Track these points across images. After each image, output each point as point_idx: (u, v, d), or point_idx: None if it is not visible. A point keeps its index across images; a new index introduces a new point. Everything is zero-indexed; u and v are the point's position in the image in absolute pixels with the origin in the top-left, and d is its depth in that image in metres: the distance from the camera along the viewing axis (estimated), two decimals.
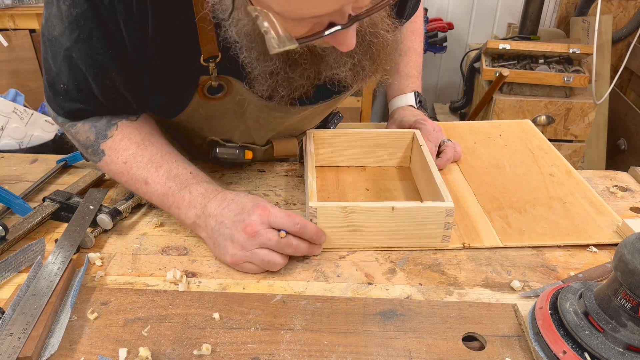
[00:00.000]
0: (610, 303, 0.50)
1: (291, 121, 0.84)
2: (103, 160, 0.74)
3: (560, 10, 2.71)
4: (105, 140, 0.73)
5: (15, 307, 0.58)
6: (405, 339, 0.57)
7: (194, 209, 0.69)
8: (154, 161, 0.72)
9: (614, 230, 0.74)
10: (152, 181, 0.71)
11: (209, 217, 0.67)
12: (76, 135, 0.75)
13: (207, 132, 0.83)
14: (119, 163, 0.73)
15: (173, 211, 0.71)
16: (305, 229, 0.65)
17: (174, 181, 0.70)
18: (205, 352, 0.55)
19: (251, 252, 0.64)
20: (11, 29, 2.30)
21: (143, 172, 0.71)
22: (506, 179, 0.88)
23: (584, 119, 2.15)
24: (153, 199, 0.72)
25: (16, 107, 1.97)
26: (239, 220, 0.64)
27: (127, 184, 0.74)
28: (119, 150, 0.73)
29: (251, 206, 0.65)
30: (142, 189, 0.72)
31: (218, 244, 0.67)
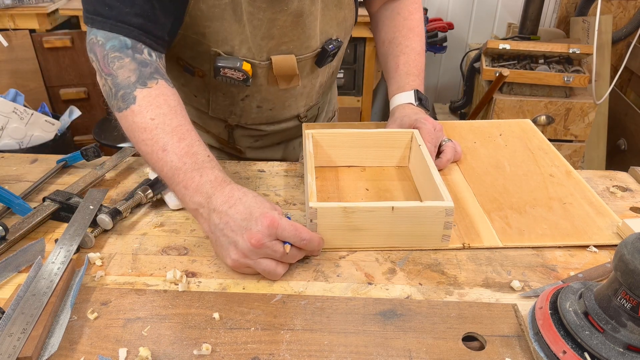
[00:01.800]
0: (610, 303, 0.50)
1: (281, 24, 0.84)
2: (130, 109, 0.71)
3: (560, 10, 2.71)
4: (143, 87, 0.71)
5: (15, 307, 0.58)
6: (405, 339, 0.57)
7: (199, 195, 0.67)
8: (179, 131, 0.70)
9: (614, 231, 0.74)
10: (171, 150, 0.68)
11: (213, 212, 0.65)
12: (118, 70, 0.72)
13: (210, 40, 0.83)
14: (146, 117, 0.70)
15: (179, 189, 0.69)
16: (311, 243, 0.65)
17: (191, 158, 0.68)
18: (205, 352, 0.55)
19: (254, 261, 0.64)
20: (11, 29, 2.30)
21: (166, 138, 0.69)
22: (506, 179, 0.88)
23: (584, 119, 2.15)
24: (164, 170, 0.69)
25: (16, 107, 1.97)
26: (245, 227, 0.63)
27: (143, 144, 0.70)
28: (151, 104, 0.71)
29: (259, 214, 0.63)
30: (158, 155, 0.69)
31: (220, 243, 0.66)
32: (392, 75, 1.00)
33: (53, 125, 2.09)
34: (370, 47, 2.38)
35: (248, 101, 0.96)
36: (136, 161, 0.94)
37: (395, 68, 1.00)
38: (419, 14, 1.04)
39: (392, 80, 1.00)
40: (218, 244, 0.66)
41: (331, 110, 1.20)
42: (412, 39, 1.02)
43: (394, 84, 1.00)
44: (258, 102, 0.97)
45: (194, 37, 0.84)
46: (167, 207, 0.80)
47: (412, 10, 1.03)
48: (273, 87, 0.93)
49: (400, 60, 1.00)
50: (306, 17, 0.86)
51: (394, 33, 1.02)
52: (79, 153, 0.90)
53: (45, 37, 2.32)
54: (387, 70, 1.03)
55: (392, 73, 1.00)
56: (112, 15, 0.72)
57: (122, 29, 0.73)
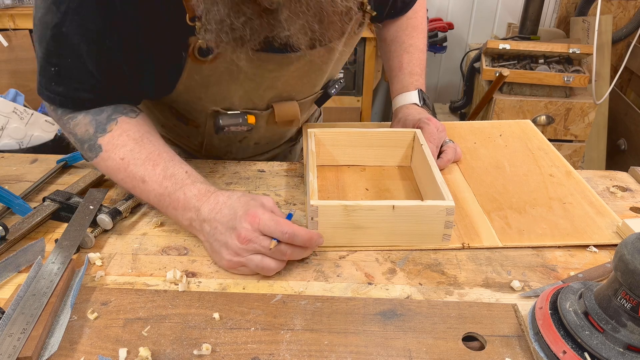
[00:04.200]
0: (610, 303, 0.50)
1: (287, 77, 0.82)
2: (100, 157, 0.73)
3: (560, 10, 2.71)
4: (104, 134, 0.72)
5: (15, 307, 0.58)
6: (405, 339, 0.57)
7: (189, 211, 0.68)
8: (151, 159, 0.71)
9: (614, 231, 0.74)
10: (150, 180, 0.70)
11: (204, 222, 0.67)
12: (74, 128, 0.74)
13: (206, 101, 0.82)
14: (116, 159, 0.72)
15: (170, 212, 0.71)
16: (294, 237, 0.64)
17: (170, 181, 0.70)
18: (205, 352, 0.55)
19: (246, 257, 0.64)
20: (11, 29, 2.30)
21: (141, 170, 0.71)
22: (506, 179, 0.88)
23: (584, 119, 2.15)
24: (150, 199, 0.72)
25: (16, 107, 1.97)
26: (232, 227, 0.64)
27: (123, 182, 0.73)
28: (117, 145, 0.72)
29: (242, 213, 0.64)
30: (140, 187, 0.71)
31: (214, 248, 0.67)
32: (396, 74, 0.99)
33: (53, 125, 2.09)
34: (370, 47, 2.38)
35: (246, 141, 0.96)
36: None
37: (399, 67, 0.99)
38: (422, 12, 1.04)
39: (396, 79, 0.99)
40: (212, 249, 0.67)
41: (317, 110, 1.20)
42: (416, 37, 1.01)
43: (398, 83, 0.99)
44: (256, 140, 0.97)
45: (189, 99, 0.82)
46: None
47: (416, 8, 1.02)
48: (272, 126, 0.92)
49: (404, 59, 0.99)
50: (315, 71, 0.85)
51: (397, 32, 1.01)
52: (79, 153, 0.90)
53: None
54: (390, 68, 1.02)
55: (396, 72, 0.99)
56: (60, 92, 0.72)
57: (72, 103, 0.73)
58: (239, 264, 0.65)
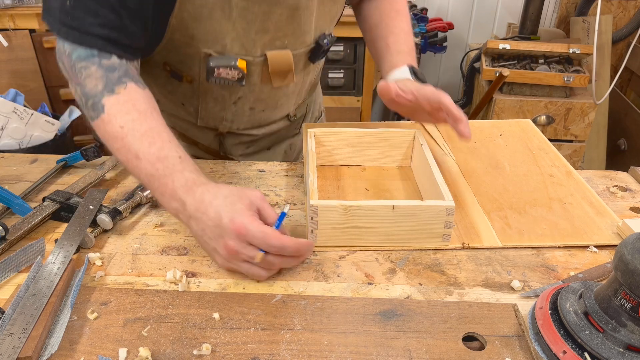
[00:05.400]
0: (610, 303, 0.50)
1: (277, 17, 0.82)
2: (101, 118, 0.70)
3: (560, 10, 2.71)
4: (110, 95, 0.71)
5: (15, 307, 0.58)
6: (405, 339, 0.57)
7: (175, 201, 0.67)
8: (149, 135, 0.70)
9: (614, 231, 0.74)
10: (143, 157, 0.69)
11: (190, 219, 0.66)
12: (85, 80, 0.72)
13: (199, 41, 0.82)
14: (115, 126, 0.70)
15: (158, 196, 0.70)
16: (282, 250, 0.63)
17: (162, 163, 0.69)
18: (205, 352, 0.55)
19: (237, 265, 0.65)
20: (11, 29, 2.30)
21: (137, 144, 0.69)
22: (506, 179, 0.88)
23: (584, 119, 2.15)
24: (141, 177, 0.70)
25: (16, 107, 1.97)
26: (219, 235, 0.63)
27: (118, 152, 0.71)
28: (120, 111, 0.70)
29: (228, 220, 0.62)
30: (132, 163, 0.70)
31: (205, 248, 0.68)
32: (383, 55, 0.96)
33: (53, 125, 2.09)
34: None
35: (240, 104, 0.95)
36: None
37: (385, 48, 0.95)
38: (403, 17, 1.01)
39: (384, 60, 0.95)
40: (204, 247, 0.68)
41: (317, 110, 1.18)
42: (400, 19, 0.99)
43: (386, 64, 0.94)
44: (251, 104, 0.96)
45: (182, 39, 0.81)
46: None
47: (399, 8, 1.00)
48: (266, 85, 0.92)
49: (390, 39, 0.95)
50: (302, 10, 0.85)
51: (381, 17, 0.99)
52: (79, 153, 0.90)
53: (45, 37, 2.32)
54: (377, 51, 0.99)
55: (383, 53, 0.96)
56: (75, 26, 0.71)
57: (87, 39, 0.72)
58: (231, 269, 0.67)
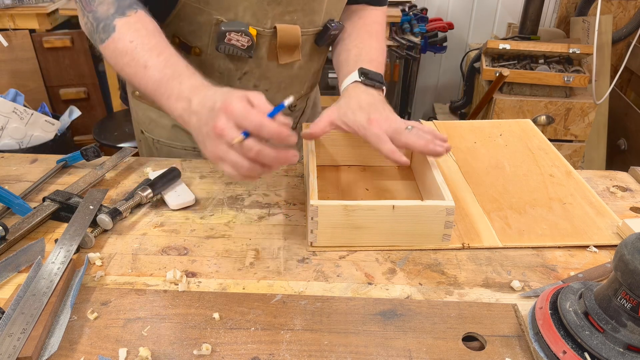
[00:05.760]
0: (610, 303, 0.50)
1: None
2: (111, 38, 0.74)
3: (560, 10, 2.71)
4: (121, 17, 0.75)
5: (15, 307, 0.58)
6: (405, 339, 0.57)
7: (181, 101, 0.68)
8: (157, 48, 0.73)
9: (614, 231, 0.74)
10: (152, 66, 0.71)
11: (192, 115, 0.66)
12: (98, 6, 0.76)
13: (212, 7, 0.83)
14: (125, 41, 0.73)
15: (164, 102, 0.70)
16: (261, 127, 0.59)
17: (170, 69, 0.71)
18: (205, 352, 0.55)
19: (222, 152, 0.61)
20: (11, 29, 2.30)
21: (145, 55, 0.72)
22: (506, 179, 0.88)
23: (584, 119, 2.15)
24: (149, 86, 0.72)
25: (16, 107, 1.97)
26: (211, 119, 0.62)
27: (127, 67, 0.74)
28: (130, 29, 0.74)
29: (220, 104, 0.62)
30: (140, 73, 0.72)
31: (200, 141, 0.65)
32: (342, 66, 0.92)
33: (53, 125, 2.09)
34: None
35: (245, 80, 0.94)
36: (136, 161, 0.94)
37: (345, 60, 0.93)
38: (381, 26, 1.01)
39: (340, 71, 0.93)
40: (200, 143, 0.66)
41: (317, 113, 1.19)
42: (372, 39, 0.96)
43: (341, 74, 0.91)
44: (255, 81, 0.95)
45: (195, 5, 0.83)
46: (167, 207, 0.80)
47: (375, 19, 1.00)
48: (272, 62, 0.92)
49: (352, 53, 0.93)
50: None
51: (351, 32, 0.97)
52: (79, 153, 0.90)
53: (45, 37, 2.32)
54: (337, 65, 0.96)
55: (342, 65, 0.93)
56: None
57: None
58: (219, 158, 0.62)
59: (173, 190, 0.83)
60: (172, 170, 0.84)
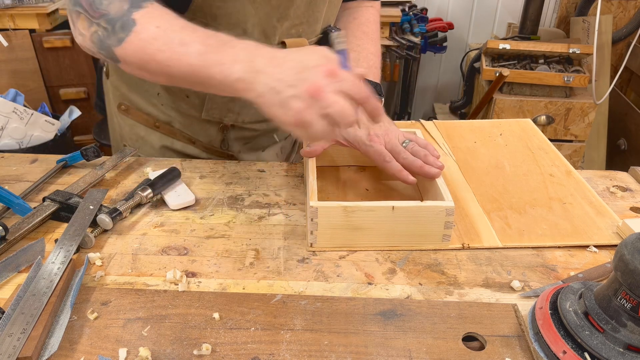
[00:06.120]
0: (610, 303, 0.50)
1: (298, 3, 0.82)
2: (133, 31, 0.66)
3: (560, 10, 2.71)
4: (138, 10, 0.67)
5: (15, 307, 0.58)
6: (405, 339, 0.57)
7: (238, 64, 0.61)
8: (188, 26, 0.67)
9: (614, 231, 0.74)
10: (190, 41, 0.64)
11: (260, 74, 0.60)
12: (108, 6, 0.68)
13: (220, 23, 0.80)
14: (151, 28, 0.66)
15: (214, 70, 0.63)
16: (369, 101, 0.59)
17: (213, 38, 0.64)
18: (205, 352, 0.55)
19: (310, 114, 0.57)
20: (11, 29, 2.30)
21: (179, 34, 0.65)
22: (506, 179, 0.88)
23: (584, 119, 2.15)
24: (191, 61, 0.64)
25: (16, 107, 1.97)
26: (302, 79, 0.57)
27: (159, 54, 0.65)
28: (153, 17, 0.67)
29: (314, 65, 0.58)
30: (178, 53, 0.64)
31: (276, 102, 0.59)
32: None
33: (53, 125, 2.09)
34: None
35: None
36: (136, 161, 0.94)
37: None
38: (376, 25, 1.00)
39: None
40: (273, 104, 0.59)
41: None
42: (366, 40, 0.96)
43: None
44: None
45: (203, 20, 0.79)
46: (167, 207, 0.80)
47: (370, 18, 0.99)
48: None
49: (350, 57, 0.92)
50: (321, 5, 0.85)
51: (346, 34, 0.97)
52: (79, 153, 0.90)
53: (45, 37, 2.32)
54: None
55: None
56: None
57: None
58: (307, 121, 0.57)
59: (173, 190, 0.83)
60: (172, 170, 0.84)
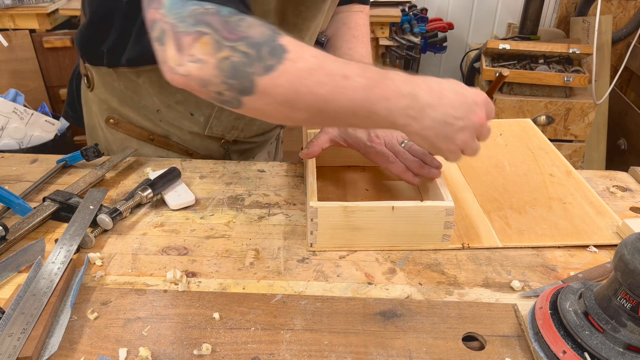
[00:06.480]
0: (610, 303, 0.50)
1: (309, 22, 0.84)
2: (287, 59, 0.58)
3: (560, 10, 2.71)
4: (282, 34, 0.60)
5: (15, 307, 0.58)
6: (405, 339, 0.57)
7: (403, 99, 0.62)
8: (339, 57, 0.64)
9: (614, 231, 0.74)
10: (351, 74, 0.61)
11: (426, 108, 0.63)
12: (248, 30, 0.60)
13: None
14: (308, 58, 0.60)
15: (381, 105, 0.62)
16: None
17: (370, 72, 0.63)
18: (205, 352, 0.55)
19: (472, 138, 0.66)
20: (11, 29, 2.30)
21: (338, 66, 0.61)
22: (506, 179, 0.88)
23: (584, 119, 2.15)
24: (356, 95, 0.62)
25: (16, 107, 1.97)
26: (469, 110, 0.65)
27: (319, 87, 0.60)
28: (301, 45, 0.60)
29: (472, 94, 0.66)
30: (341, 85, 0.61)
31: (445, 133, 0.65)
32: None
33: (53, 125, 2.09)
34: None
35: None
36: (136, 161, 0.94)
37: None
38: (366, 29, 1.00)
39: None
40: (441, 134, 0.65)
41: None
42: (356, 44, 0.96)
43: None
44: None
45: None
46: (167, 207, 0.80)
47: (359, 22, 0.99)
48: None
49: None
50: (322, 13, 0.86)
51: (335, 40, 0.97)
52: (79, 153, 0.90)
53: (45, 37, 2.32)
54: None
55: None
56: None
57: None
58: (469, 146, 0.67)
59: (173, 190, 0.83)
60: (172, 170, 0.84)
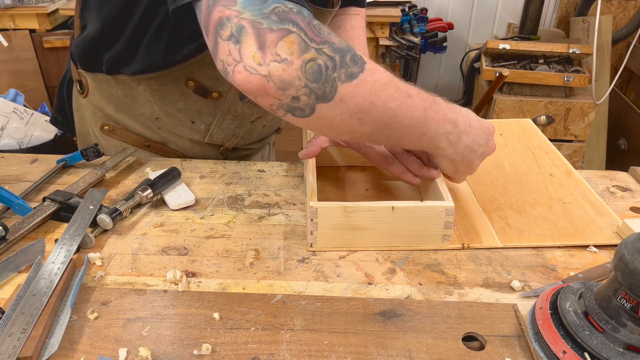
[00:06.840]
0: (610, 303, 0.50)
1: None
2: (367, 69, 0.59)
3: (560, 10, 2.71)
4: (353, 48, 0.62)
5: (15, 307, 0.58)
6: (405, 339, 0.57)
7: (447, 124, 0.68)
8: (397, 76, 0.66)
9: (614, 231, 0.74)
10: (412, 94, 0.64)
11: (462, 134, 0.69)
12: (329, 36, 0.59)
13: None
14: (381, 71, 0.61)
15: (433, 127, 0.66)
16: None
17: (424, 95, 0.66)
18: (205, 352, 0.55)
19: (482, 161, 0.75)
20: (11, 29, 2.30)
21: (403, 84, 0.64)
22: (506, 179, 0.88)
23: (584, 119, 2.15)
24: (416, 114, 0.64)
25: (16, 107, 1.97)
26: (487, 139, 0.73)
27: (391, 101, 0.61)
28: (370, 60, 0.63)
29: (487, 125, 0.74)
30: (407, 103, 0.63)
31: (469, 159, 0.72)
32: None
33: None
34: (370, 47, 2.38)
35: (258, 122, 0.93)
36: (136, 161, 0.94)
37: None
38: (362, 31, 1.00)
39: None
40: (465, 159, 0.72)
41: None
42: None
43: None
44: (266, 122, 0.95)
45: None
46: (167, 207, 0.80)
47: (355, 24, 0.99)
48: None
49: None
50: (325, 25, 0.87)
51: None
52: (79, 153, 0.90)
53: (45, 37, 2.32)
54: None
55: None
56: None
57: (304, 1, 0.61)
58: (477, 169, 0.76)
59: (173, 190, 0.83)
60: (172, 170, 0.84)
